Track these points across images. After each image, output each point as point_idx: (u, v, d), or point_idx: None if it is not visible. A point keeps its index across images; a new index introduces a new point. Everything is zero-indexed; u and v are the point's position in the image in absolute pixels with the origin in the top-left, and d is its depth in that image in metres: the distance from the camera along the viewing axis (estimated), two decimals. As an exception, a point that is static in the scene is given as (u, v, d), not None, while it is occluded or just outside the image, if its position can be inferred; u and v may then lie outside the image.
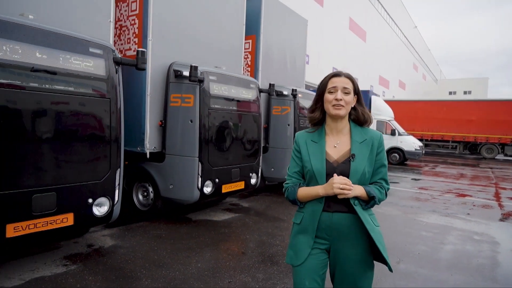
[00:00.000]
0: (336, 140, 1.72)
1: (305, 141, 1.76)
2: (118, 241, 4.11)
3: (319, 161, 1.68)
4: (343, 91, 1.66)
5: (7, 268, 3.25)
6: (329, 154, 1.70)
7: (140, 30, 4.83)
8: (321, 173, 1.66)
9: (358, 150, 1.67)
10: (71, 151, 3.20)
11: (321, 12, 20.80)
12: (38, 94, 2.95)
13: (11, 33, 2.80)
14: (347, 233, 1.65)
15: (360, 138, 1.70)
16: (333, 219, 1.65)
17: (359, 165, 1.64)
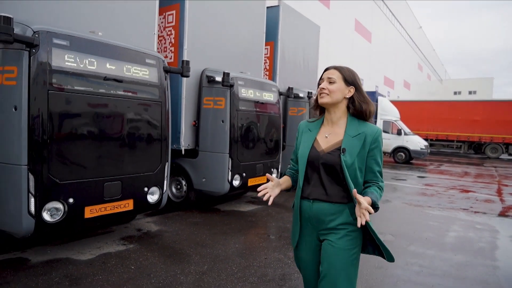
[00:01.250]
0: (329, 131, 1.75)
1: (303, 130, 1.85)
2: (161, 227, 4.69)
3: (305, 148, 1.75)
4: (328, 80, 1.72)
5: (77, 246, 3.84)
6: (319, 143, 1.74)
7: (176, 40, 5.41)
8: (303, 159, 1.72)
9: (349, 144, 1.66)
10: (132, 147, 3.79)
11: (327, 14, 21.28)
12: (108, 98, 3.54)
13: (89, 48, 3.39)
14: (327, 222, 1.67)
15: (354, 132, 1.69)
16: (313, 208, 1.69)
17: (349, 159, 1.64)
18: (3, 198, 3.07)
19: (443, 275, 3.55)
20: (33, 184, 3.00)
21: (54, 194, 3.13)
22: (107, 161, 3.55)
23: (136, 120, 3.81)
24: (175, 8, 5.37)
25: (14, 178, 2.99)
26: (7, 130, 3.02)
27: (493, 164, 16.25)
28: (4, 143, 3.04)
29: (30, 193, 2.99)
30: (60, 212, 3.20)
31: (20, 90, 2.96)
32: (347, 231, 1.64)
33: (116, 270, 3.30)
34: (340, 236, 1.64)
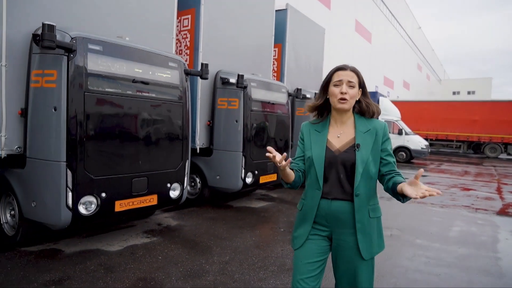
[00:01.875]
0: (339, 131, 1.75)
1: (309, 131, 1.81)
2: (180, 221, 4.93)
3: (319, 149, 1.73)
4: (348, 84, 1.69)
5: (104, 239, 4.07)
6: (332, 143, 1.74)
7: (192, 43, 5.64)
8: (320, 160, 1.70)
9: (362, 140, 1.69)
10: (157, 145, 4.03)
11: (328, 15, 21.52)
12: (136, 100, 3.77)
13: (119, 53, 3.62)
14: (345, 220, 1.68)
15: (364, 128, 1.72)
16: (332, 206, 1.69)
17: (364, 155, 1.67)
18: (43, 193, 3.31)
19: (448, 265, 3.80)
20: (70, 179, 3.24)
21: (88, 188, 3.37)
22: (135, 158, 3.79)
23: (160, 120, 4.05)
24: (190, 12, 5.61)
25: (53, 174, 3.23)
26: (47, 129, 3.26)
27: (492, 164, 16.53)
28: (44, 141, 3.27)
29: (68, 188, 3.23)
30: (94, 205, 3.44)
31: (60, 92, 3.19)
32: (364, 229, 1.67)
33: (145, 260, 3.54)
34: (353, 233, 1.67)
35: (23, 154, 3.44)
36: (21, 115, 3.43)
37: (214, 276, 3.26)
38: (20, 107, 3.43)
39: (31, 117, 3.38)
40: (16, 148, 3.44)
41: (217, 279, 3.19)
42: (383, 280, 3.37)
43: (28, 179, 3.42)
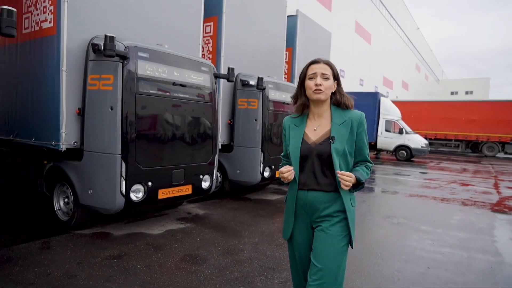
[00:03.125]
0: (316, 124, 1.79)
1: (289, 126, 1.86)
2: (207, 211, 5.43)
3: (296, 142, 1.78)
4: (322, 76, 1.73)
5: (144, 224, 4.57)
6: (309, 136, 1.78)
7: (214, 48, 6.15)
8: (295, 152, 1.76)
9: (337, 131, 1.73)
10: (192, 141, 4.52)
11: (329, 17, 22.01)
12: (175, 100, 4.27)
13: (162, 59, 4.12)
14: (321, 209, 1.74)
15: (339, 120, 1.76)
16: (308, 197, 1.75)
17: (339, 146, 1.71)
18: (99, 181, 3.80)
19: (450, 246, 4.31)
20: (124, 170, 3.73)
21: (138, 178, 3.87)
22: (174, 152, 4.29)
23: (195, 119, 4.55)
24: (213, 20, 6.11)
25: (110, 165, 3.73)
26: (104, 126, 3.75)
27: (490, 162, 17.07)
28: (102, 136, 3.77)
29: (122, 177, 3.73)
30: (141, 193, 3.93)
31: (116, 94, 3.69)
32: (339, 218, 1.73)
33: (186, 241, 4.03)
34: (333, 223, 1.72)
35: (80, 148, 3.93)
36: (78, 114, 3.92)
37: (249, 253, 3.76)
38: (78, 107, 3.93)
39: (87, 115, 3.88)
40: (73, 142, 3.94)
41: (252, 255, 3.69)
42: (394, 257, 3.87)
43: (85, 169, 3.91)
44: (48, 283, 2.87)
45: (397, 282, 3.24)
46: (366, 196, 7.36)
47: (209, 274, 3.19)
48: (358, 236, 4.59)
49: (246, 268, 3.37)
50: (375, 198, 7.44)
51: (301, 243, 1.81)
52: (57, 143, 3.86)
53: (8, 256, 3.37)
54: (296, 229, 1.82)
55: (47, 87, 3.91)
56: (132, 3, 4.43)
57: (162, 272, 3.21)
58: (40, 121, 4.06)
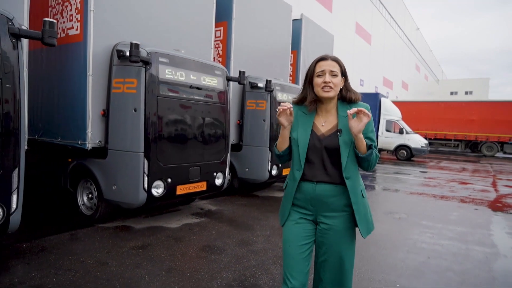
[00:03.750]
0: (324, 120, 1.79)
1: (297, 112, 1.82)
2: (218, 207, 5.72)
3: (305, 132, 1.76)
4: (331, 73, 1.72)
5: (161, 219, 4.85)
6: (317, 127, 1.78)
7: (224, 52, 6.44)
8: (304, 142, 1.74)
9: (344, 124, 1.73)
10: (206, 140, 4.81)
11: (330, 18, 22.27)
12: (192, 102, 4.56)
13: (179, 63, 4.41)
14: (330, 203, 1.72)
15: (345, 112, 1.75)
16: (317, 190, 1.72)
17: (347, 138, 1.71)
18: (123, 178, 4.09)
19: (449, 239, 4.61)
20: (146, 167, 4.02)
21: (159, 174, 4.16)
22: (191, 150, 4.58)
23: (209, 119, 4.84)
24: (222, 25, 6.39)
25: (133, 162, 4.01)
26: (128, 126, 4.04)
27: (489, 161, 17.37)
28: (126, 136, 4.06)
29: (145, 174, 4.01)
30: (161, 188, 4.22)
31: (139, 97, 3.98)
32: (347, 214, 1.74)
33: (203, 234, 4.32)
34: (342, 218, 1.74)
35: (105, 147, 4.22)
36: (103, 115, 4.21)
37: (262, 244, 4.05)
38: (102, 108, 4.22)
39: (112, 116, 4.17)
40: (98, 141, 4.22)
41: (265, 246, 3.98)
42: (397, 248, 4.16)
43: (110, 167, 4.20)
44: (84, 269, 3.16)
45: (401, 269, 3.53)
46: (368, 194, 7.65)
47: (228, 262, 3.48)
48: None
49: (261, 257, 3.66)
50: (377, 195, 7.73)
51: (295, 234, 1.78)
52: (83, 142, 4.14)
53: (42, 246, 3.66)
54: (293, 221, 1.80)
55: (74, 90, 4.20)
56: (151, 12, 4.71)
57: (185, 260, 3.50)
58: (66, 122, 4.34)
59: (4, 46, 2.79)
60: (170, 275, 3.15)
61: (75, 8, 4.20)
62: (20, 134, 2.93)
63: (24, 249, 3.56)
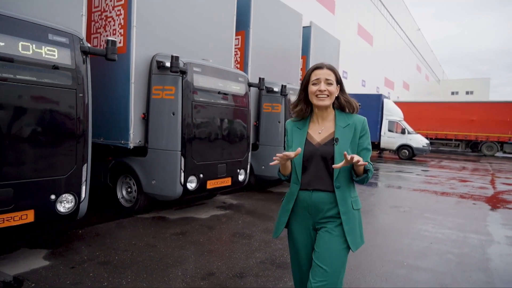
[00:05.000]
0: (321, 127, 1.81)
1: (291, 128, 1.87)
2: (239, 201, 6.27)
3: (299, 143, 1.78)
4: (326, 82, 1.73)
5: (190, 211, 5.41)
6: (313, 137, 1.80)
7: (242, 59, 6.99)
8: (298, 157, 1.75)
9: (341, 134, 1.75)
10: (231, 140, 5.36)
11: (332, 20, 22.74)
12: (219, 106, 5.11)
13: (210, 72, 4.96)
14: (325, 211, 1.74)
15: (343, 123, 1.78)
16: (312, 197, 1.74)
17: (343, 148, 1.71)
18: (162, 173, 4.65)
19: (449, 228, 5.16)
20: (183, 163, 4.57)
21: (193, 170, 4.71)
22: (219, 149, 5.13)
23: (234, 122, 5.40)
24: (240, 34, 6.94)
25: (171, 160, 4.57)
26: (167, 128, 4.60)
27: (489, 161, 17.89)
28: (166, 136, 4.61)
29: (181, 170, 4.57)
30: (195, 183, 4.78)
31: (177, 102, 4.53)
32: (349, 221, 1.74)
33: (230, 223, 4.88)
34: (337, 224, 1.73)
35: (145, 146, 4.78)
36: (143, 118, 4.77)
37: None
38: (142, 112, 4.77)
39: (152, 119, 4.72)
40: (138, 141, 4.78)
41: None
42: (403, 236, 4.71)
43: (149, 164, 4.75)
44: (138, 250, 3.72)
45: (407, 252, 4.08)
46: (373, 190, 8.20)
47: (258, 245, 4.04)
48: (371, 221, 5.45)
49: (285, 242, 4.17)
50: (381, 192, 8.27)
51: (301, 244, 1.81)
52: (126, 142, 4.70)
53: (95, 232, 4.22)
54: (296, 230, 1.83)
55: (118, 96, 4.75)
56: (181, 25, 5.26)
57: (221, 244, 4.05)
58: (109, 124, 4.89)
59: (77, 62, 3.35)
60: (211, 255, 3.71)
61: (118, 23, 4.75)
62: (88, 135, 3.48)
63: (81, 234, 4.12)
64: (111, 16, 4.87)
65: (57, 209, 3.26)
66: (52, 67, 3.17)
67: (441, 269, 3.63)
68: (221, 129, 5.18)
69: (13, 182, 2.95)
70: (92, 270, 3.20)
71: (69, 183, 3.32)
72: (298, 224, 1.82)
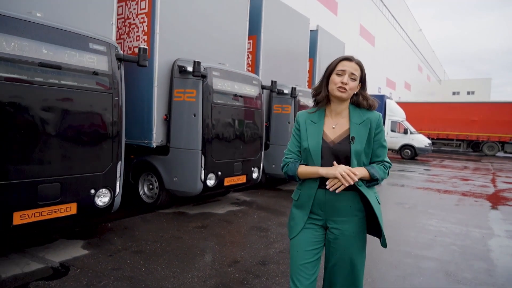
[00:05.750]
0: (334, 122, 1.76)
1: (305, 121, 1.80)
2: (251, 198, 6.59)
3: (315, 141, 1.72)
4: (351, 76, 1.68)
5: (206, 207, 5.72)
6: (327, 134, 1.74)
7: (253, 62, 7.30)
8: (316, 152, 1.71)
9: (357, 132, 1.70)
10: (246, 140, 5.68)
11: (335, 21, 22.99)
12: (236, 108, 5.42)
13: (226, 76, 5.27)
14: (340, 209, 1.70)
15: (358, 120, 1.72)
16: (327, 195, 1.69)
17: (359, 147, 1.68)
18: (184, 171, 4.96)
19: (452, 223, 5.46)
20: (203, 162, 4.89)
21: (212, 168, 5.03)
22: (235, 148, 5.45)
23: (249, 122, 5.72)
24: (252, 38, 7.26)
25: (193, 158, 4.89)
26: (188, 128, 4.91)
27: (490, 160, 18.18)
28: (187, 136, 4.93)
29: (201, 167, 4.88)
30: (213, 180, 5.09)
31: (198, 104, 4.85)
32: (358, 218, 1.72)
33: (247, 218, 5.19)
34: (352, 223, 1.71)
35: (166, 145, 5.09)
36: (165, 119, 5.08)
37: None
38: (164, 113, 5.09)
39: (173, 120, 5.04)
40: (160, 141, 5.09)
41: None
42: (409, 229, 5.02)
43: (171, 162, 5.07)
44: (166, 241, 4.03)
45: (414, 243, 4.39)
46: (377, 188, 8.49)
47: (275, 237, 4.35)
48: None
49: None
50: (386, 190, 8.57)
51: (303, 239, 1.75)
52: (149, 142, 5.02)
53: (123, 225, 4.54)
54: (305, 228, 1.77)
55: (142, 99, 5.06)
56: (198, 31, 5.58)
57: (241, 236, 4.37)
58: (133, 125, 5.18)
59: (113, 68, 3.66)
60: (233, 245, 4.02)
61: (142, 30, 5.07)
62: (122, 134, 3.80)
63: (110, 227, 4.44)
64: (134, 23, 5.19)
65: (95, 202, 3.57)
66: (92, 73, 3.48)
67: (445, 258, 3.94)
68: (237, 129, 5.49)
69: (60, 177, 3.26)
70: (128, 258, 3.52)
71: (106, 179, 3.64)
72: (308, 221, 1.77)
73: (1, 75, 2.85)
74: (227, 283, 3.07)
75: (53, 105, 3.23)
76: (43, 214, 3.15)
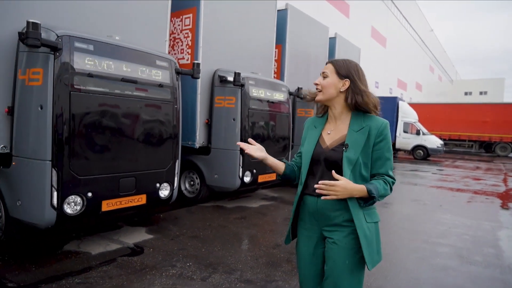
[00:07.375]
0: (332, 127, 1.71)
1: (309, 126, 1.81)
2: (278, 194, 7.21)
3: (310, 145, 1.71)
4: (322, 75, 1.68)
5: (242, 201, 6.36)
6: (324, 139, 1.70)
7: (279, 69, 7.93)
8: (307, 156, 1.70)
9: (352, 139, 1.61)
10: (272, 141, 6.30)
11: (347, 23, 23.36)
12: (267, 112, 6.05)
13: (259, 84, 5.90)
14: (332, 217, 1.63)
15: (357, 126, 1.63)
16: (318, 203, 1.64)
17: (352, 156, 1.59)
18: (223, 168, 5.61)
19: (465, 217, 6.00)
20: (241, 161, 5.52)
21: (249, 166, 5.66)
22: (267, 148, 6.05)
23: (278, 125, 6.34)
24: (278, 47, 7.88)
25: (233, 157, 5.53)
26: (228, 131, 5.56)
27: (502, 161, 18.46)
28: (227, 138, 5.58)
29: (240, 166, 5.51)
30: (249, 177, 5.72)
31: (237, 110, 5.50)
32: (352, 229, 1.59)
33: (278, 210, 5.82)
34: (345, 234, 1.60)
35: (208, 146, 5.75)
36: (206, 123, 5.74)
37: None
38: (206, 118, 5.75)
39: (214, 124, 5.69)
40: (202, 142, 5.75)
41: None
42: (425, 222, 5.59)
43: (212, 161, 5.72)
44: (214, 229, 4.68)
45: (430, 233, 4.96)
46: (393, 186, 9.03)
47: (307, 227, 4.96)
48: (395, 211, 6.33)
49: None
50: (400, 188, 9.10)
51: (306, 255, 1.73)
52: (193, 143, 5.68)
53: (174, 216, 5.20)
54: (303, 239, 1.75)
55: (187, 105, 5.71)
56: (234, 46, 6.22)
57: (277, 225, 5.00)
58: (177, 128, 5.86)
59: (173, 80, 4.33)
60: (273, 233, 4.65)
61: (186, 44, 5.74)
62: (179, 137, 4.46)
63: (163, 218, 5.11)
64: (179, 38, 5.86)
65: (160, 194, 4.24)
66: (158, 86, 4.15)
67: (459, 245, 4.51)
68: (268, 131, 6.13)
69: (134, 172, 3.93)
70: (188, 241, 4.17)
71: (168, 174, 4.30)
72: (306, 231, 1.74)
73: (94, 89, 3.52)
74: (276, 261, 3.70)
75: (130, 112, 3.90)
76: (122, 203, 3.83)
